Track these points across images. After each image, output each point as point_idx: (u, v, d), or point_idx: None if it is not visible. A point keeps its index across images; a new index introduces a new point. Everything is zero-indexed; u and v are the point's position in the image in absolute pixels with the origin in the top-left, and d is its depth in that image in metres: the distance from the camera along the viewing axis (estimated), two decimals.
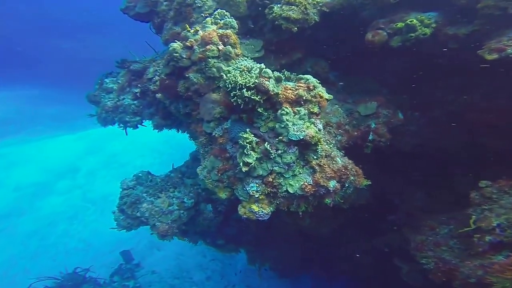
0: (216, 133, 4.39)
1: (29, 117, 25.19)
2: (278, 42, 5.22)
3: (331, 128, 4.54)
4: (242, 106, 3.78)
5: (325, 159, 3.85)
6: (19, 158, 19.13)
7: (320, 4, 4.87)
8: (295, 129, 3.69)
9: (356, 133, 4.75)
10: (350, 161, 4.05)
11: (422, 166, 5.22)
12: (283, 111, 3.71)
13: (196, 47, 4.60)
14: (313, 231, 7.07)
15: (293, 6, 4.63)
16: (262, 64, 3.89)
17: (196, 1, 5.52)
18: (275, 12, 4.79)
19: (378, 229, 7.15)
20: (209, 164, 4.47)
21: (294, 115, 3.76)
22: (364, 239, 7.53)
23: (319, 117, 3.89)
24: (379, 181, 4.38)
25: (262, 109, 3.83)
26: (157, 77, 6.09)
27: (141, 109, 7.78)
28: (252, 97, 3.65)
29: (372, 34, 4.37)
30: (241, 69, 4.05)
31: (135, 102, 7.87)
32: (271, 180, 3.89)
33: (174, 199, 6.88)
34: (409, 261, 5.15)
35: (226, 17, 4.92)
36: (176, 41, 4.91)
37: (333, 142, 4.37)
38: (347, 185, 3.89)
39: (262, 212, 4.05)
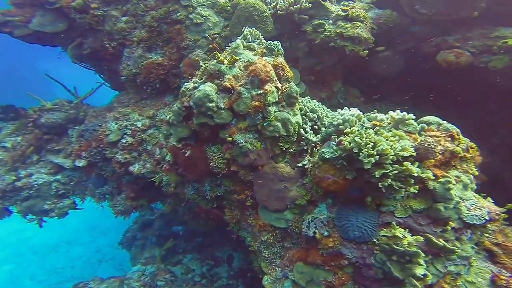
0: (315, 232, 2.59)
1: None
2: (321, 71, 3.81)
3: None
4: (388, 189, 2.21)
5: (500, 235, 2.69)
6: None
7: (371, 21, 3.77)
8: (471, 207, 2.38)
9: None
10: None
11: None
12: (447, 183, 2.33)
13: (243, 89, 2.68)
14: None
15: (357, 23, 3.34)
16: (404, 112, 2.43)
17: (192, 15, 3.48)
18: (329, 31, 3.39)
19: None
20: (300, 278, 2.66)
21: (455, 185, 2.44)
22: None
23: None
24: None
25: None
26: (129, 139, 3.61)
27: (73, 187, 4.77)
28: (421, 175, 2.15)
29: (455, 55, 3.54)
30: (360, 123, 2.45)
31: (57, 177, 4.78)
32: (446, 286, 2.44)
33: None
34: None
35: (260, 38, 3.18)
36: (190, 78, 2.85)
37: None
38: None
39: None
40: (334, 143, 2.36)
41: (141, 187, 4.07)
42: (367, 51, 3.40)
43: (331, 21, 3.49)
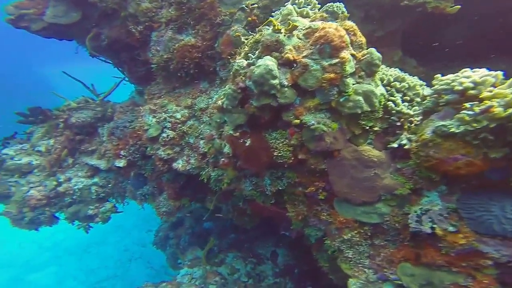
0: (433, 227, 2.12)
1: None
2: (381, 38, 3.25)
3: None
4: None
5: None
6: None
7: None
8: None
9: None
10: None
11: None
12: None
13: (310, 60, 2.20)
14: None
15: None
16: None
17: None
18: None
19: None
20: (411, 281, 2.30)
21: None
22: None
23: None
24: None
25: None
26: (171, 132, 3.22)
27: (111, 189, 4.51)
28: None
29: None
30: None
31: (95, 180, 4.52)
32: None
33: None
34: None
35: (313, 2, 2.66)
36: (231, 58, 2.40)
37: None
38: None
39: None
40: (470, 113, 1.82)
41: (181, 185, 3.72)
42: (459, 6, 2.79)
43: None
